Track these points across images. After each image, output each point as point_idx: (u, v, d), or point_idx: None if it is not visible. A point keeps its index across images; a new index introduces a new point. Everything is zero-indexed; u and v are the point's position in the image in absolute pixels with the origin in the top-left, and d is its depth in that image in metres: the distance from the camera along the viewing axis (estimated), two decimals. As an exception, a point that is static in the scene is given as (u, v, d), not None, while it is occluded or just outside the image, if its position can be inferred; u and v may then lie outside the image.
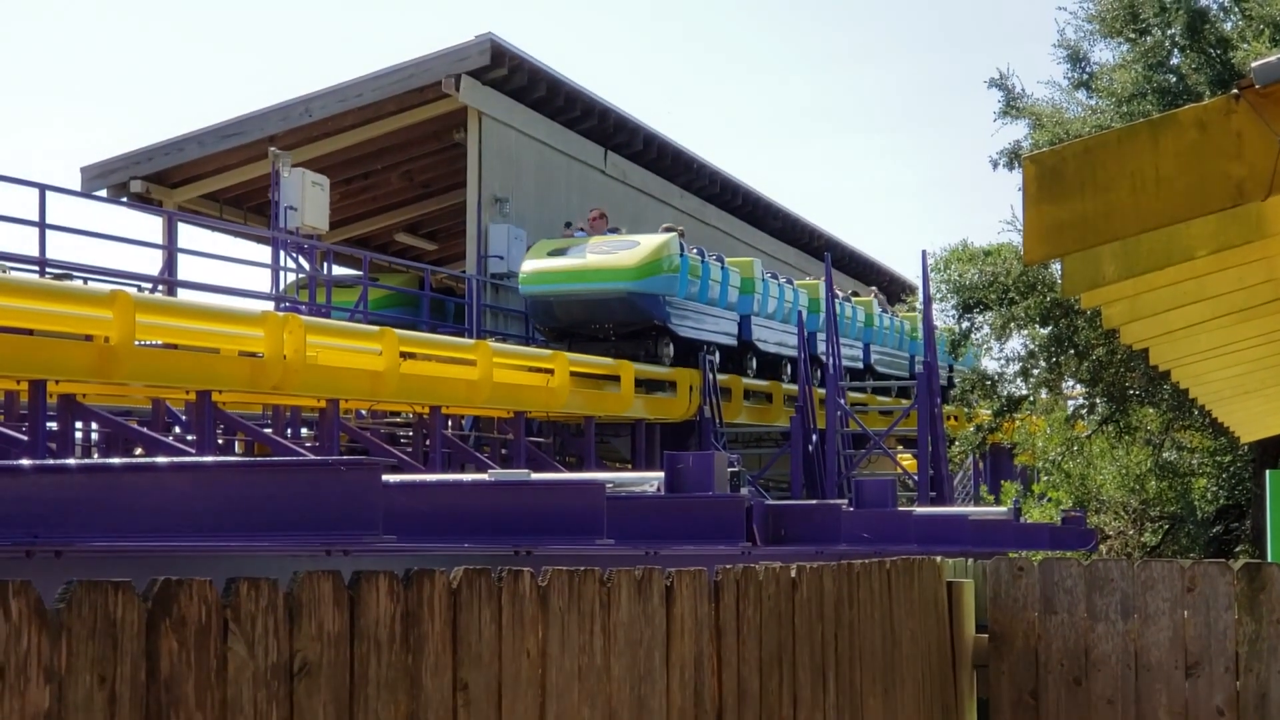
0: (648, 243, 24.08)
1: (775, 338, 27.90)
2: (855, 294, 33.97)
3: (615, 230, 25.51)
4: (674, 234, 24.78)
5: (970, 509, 20.74)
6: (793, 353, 27.86)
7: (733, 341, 26.36)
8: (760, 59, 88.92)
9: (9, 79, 76.10)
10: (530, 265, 24.17)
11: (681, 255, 24.26)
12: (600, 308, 23.61)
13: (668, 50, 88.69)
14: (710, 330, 25.47)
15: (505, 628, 3.07)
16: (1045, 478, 21.97)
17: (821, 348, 28.04)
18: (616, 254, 23.71)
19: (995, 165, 19.91)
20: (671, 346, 24.45)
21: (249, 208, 32.01)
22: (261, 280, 37.09)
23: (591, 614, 3.42)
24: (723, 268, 26.02)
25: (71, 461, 12.12)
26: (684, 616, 3.90)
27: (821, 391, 26.61)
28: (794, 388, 26.90)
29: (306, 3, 78.81)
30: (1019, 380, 21.38)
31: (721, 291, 25.82)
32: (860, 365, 31.15)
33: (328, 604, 2.56)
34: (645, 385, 24.28)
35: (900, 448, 29.83)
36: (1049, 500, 20.86)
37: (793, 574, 4.70)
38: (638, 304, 23.49)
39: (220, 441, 17.93)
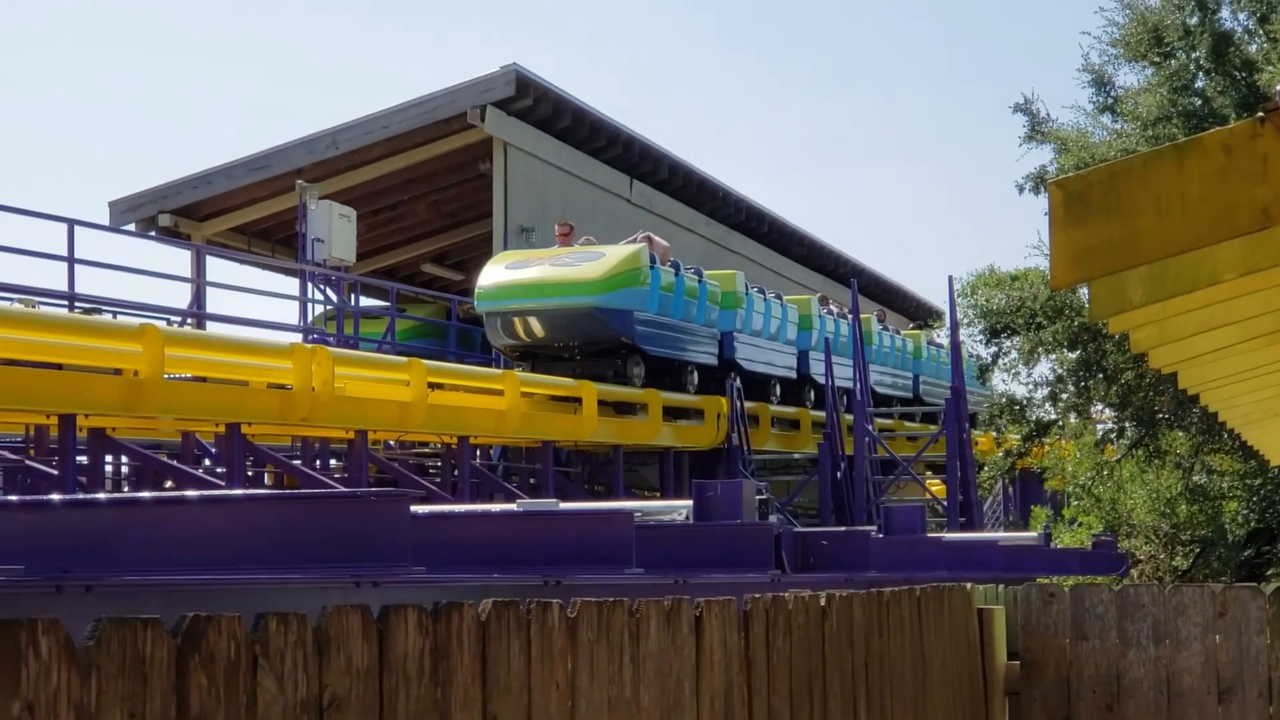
0: (614, 254, 22.20)
1: (762, 356, 26.19)
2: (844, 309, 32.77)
3: (591, 242, 23.51)
4: (643, 244, 22.84)
5: (1000, 534, 20.67)
6: (784, 373, 26.74)
7: (713, 360, 24.54)
8: (784, 86, 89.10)
9: (38, 115, 76.54)
10: (488, 279, 22.25)
11: (652, 267, 22.49)
12: (563, 325, 21.75)
13: (692, 78, 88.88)
14: (687, 349, 23.79)
15: (534, 660, 3.07)
16: (1075, 502, 21.88)
17: (815, 368, 27.61)
18: (580, 266, 21.83)
19: (1021, 190, 19.89)
20: (642, 367, 22.67)
21: (277, 240, 32.12)
22: (289, 312, 37.22)
23: (621, 645, 3.42)
24: (700, 281, 24.21)
25: (101, 496, 12.16)
26: (713, 647, 3.89)
27: (849, 417, 26.54)
28: (821, 414, 26.81)
29: (332, 36, 79.17)
30: (1048, 405, 21.31)
31: (699, 307, 24.04)
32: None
33: (356, 638, 2.57)
34: (671, 413, 23.25)
35: (929, 473, 29.74)
36: (1079, 525, 20.77)
37: (822, 603, 4.68)
38: (603, 320, 21.65)
39: (250, 473, 17.95)
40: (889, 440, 28.15)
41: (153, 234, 29.37)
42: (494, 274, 22.19)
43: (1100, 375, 19.79)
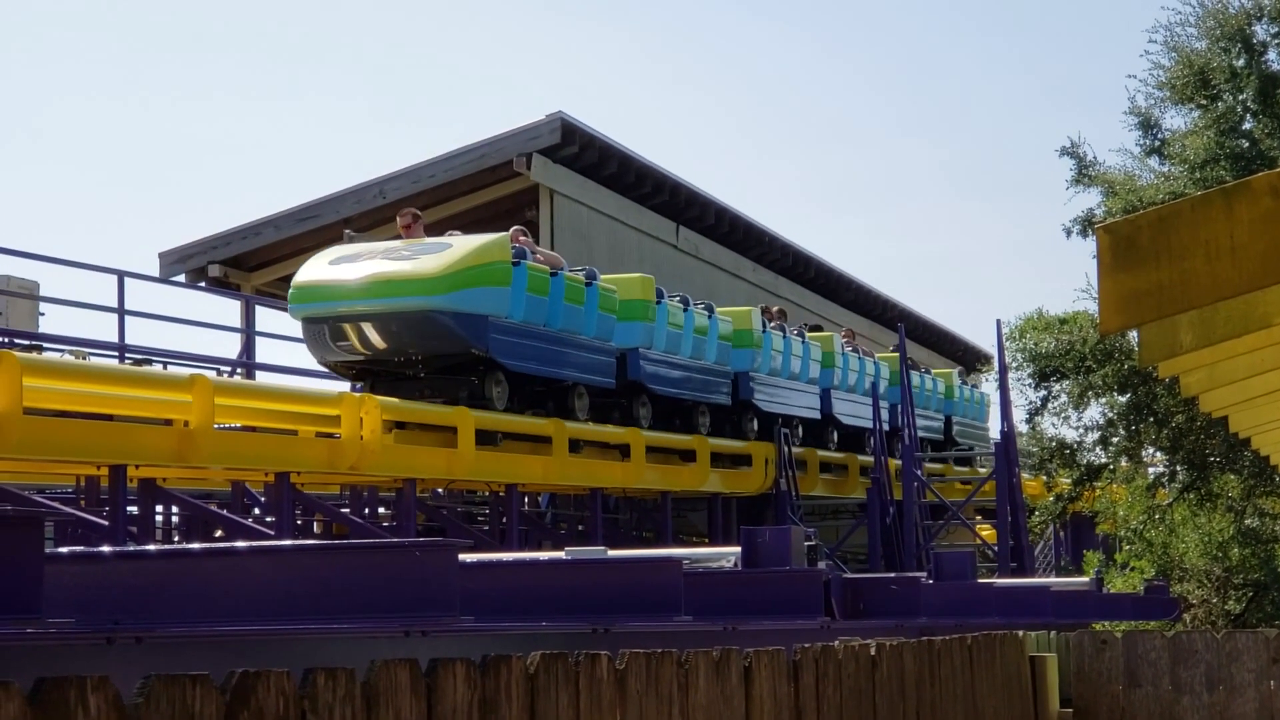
0: (464, 245, 17.81)
1: (678, 376, 22.02)
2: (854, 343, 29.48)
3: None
4: (505, 235, 18.65)
5: (1052, 579, 20.56)
6: (720, 399, 22.96)
7: (609, 382, 20.24)
8: (830, 131, 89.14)
9: (88, 167, 77.20)
10: (305, 275, 17.90)
11: (518, 265, 18.18)
12: (395, 333, 17.46)
13: (738, 124, 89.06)
14: (571, 367, 19.40)
15: (583, 712, 3.06)
16: (1127, 547, 21.76)
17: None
18: (418, 259, 17.47)
19: (1069, 233, 19.84)
20: (505, 387, 18.37)
21: (325, 289, 32.16)
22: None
23: (670, 696, 3.41)
24: (588, 284, 19.79)
25: (152, 548, 12.21)
26: (763, 697, 3.87)
27: (897, 462, 26.43)
28: (869, 459, 26.68)
29: (379, 87, 79.66)
30: (1098, 449, 21.22)
31: (589, 315, 19.67)
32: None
33: (405, 692, 2.56)
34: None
35: (979, 518, 29.59)
36: (1131, 569, 20.65)
37: (872, 652, 4.66)
38: (445, 327, 17.28)
39: (299, 522, 17.99)
40: (937, 485, 28.02)
41: (202, 284, 29.54)
42: (314, 270, 17.92)
43: (1151, 419, 19.70)
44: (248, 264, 30.87)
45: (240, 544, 11.10)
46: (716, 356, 23.00)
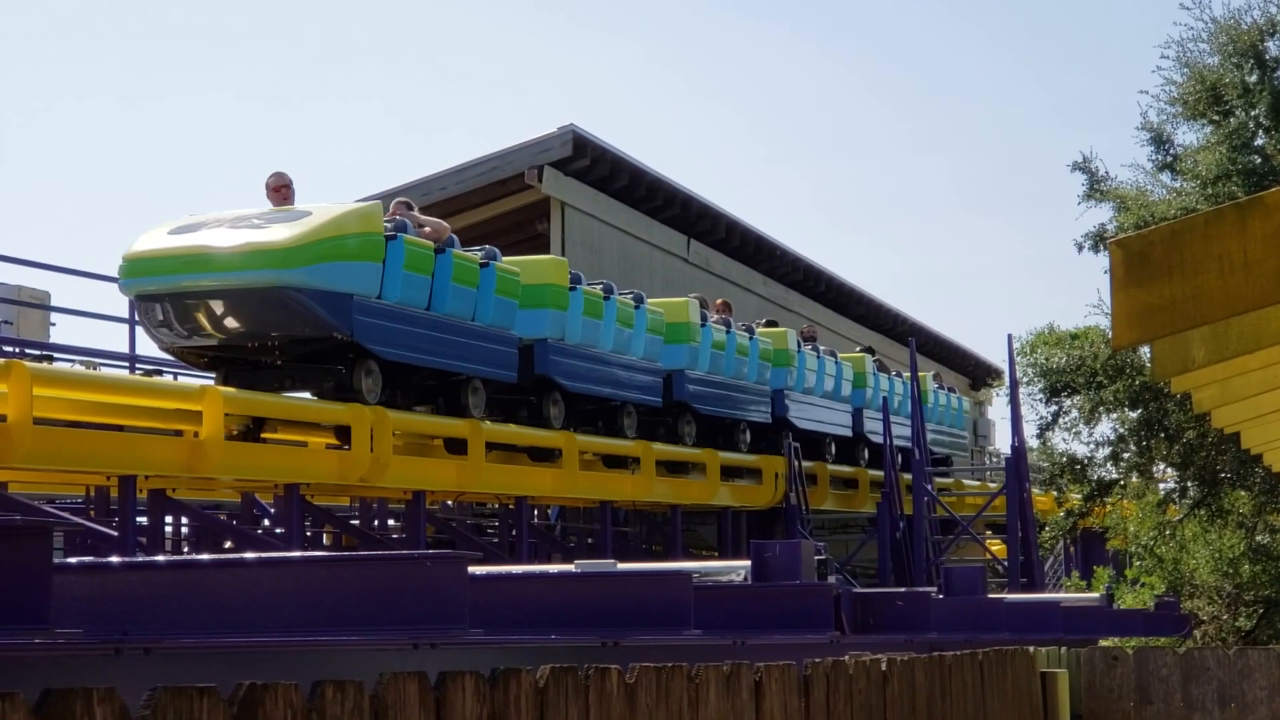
0: (324, 213, 15.41)
1: (599, 375, 19.61)
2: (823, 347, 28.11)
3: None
4: (378, 203, 16.47)
5: (1062, 595, 20.52)
6: (642, 397, 20.54)
7: (510, 376, 17.72)
8: (841, 145, 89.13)
9: (100, 176, 77.34)
10: (137, 247, 15.40)
11: (395, 239, 15.92)
12: (241, 312, 15.18)
13: (750, 137, 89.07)
14: (460, 357, 16.91)
15: (592, 727, 3.04)
16: (1138, 562, 21.72)
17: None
18: (268, 228, 15.17)
19: (1080, 248, 19.80)
20: (377, 379, 16.03)
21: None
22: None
23: (680, 711, 3.39)
24: (485, 265, 17.38)
25: (161, 558, 12.20)
26: (774, 712, 3.85)
27: (907, 476, 26.39)
28: (879, 473, 26.64)
29: (388, 99, 79.77)
30: (1109, 464, 21.19)
31: (483, 300, 17.30)
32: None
33: (413, 705, 2.55)
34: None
35: (989, 533, 29.53)
36: (1142, 585, 20.62)
37: (883, 667, 4.64)
38: (300, 306, 14.99)
39: (308, 534, 17.99)
40: (947, 499, 27.97)
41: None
42: (150, 240, 15.45)
43: (1162, 435, 19.67)
44: (259, 275, 30.81)
45: (249, 555, 11.10)
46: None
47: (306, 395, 16.33)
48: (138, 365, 18.38)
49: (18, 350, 17.64)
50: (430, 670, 2.66)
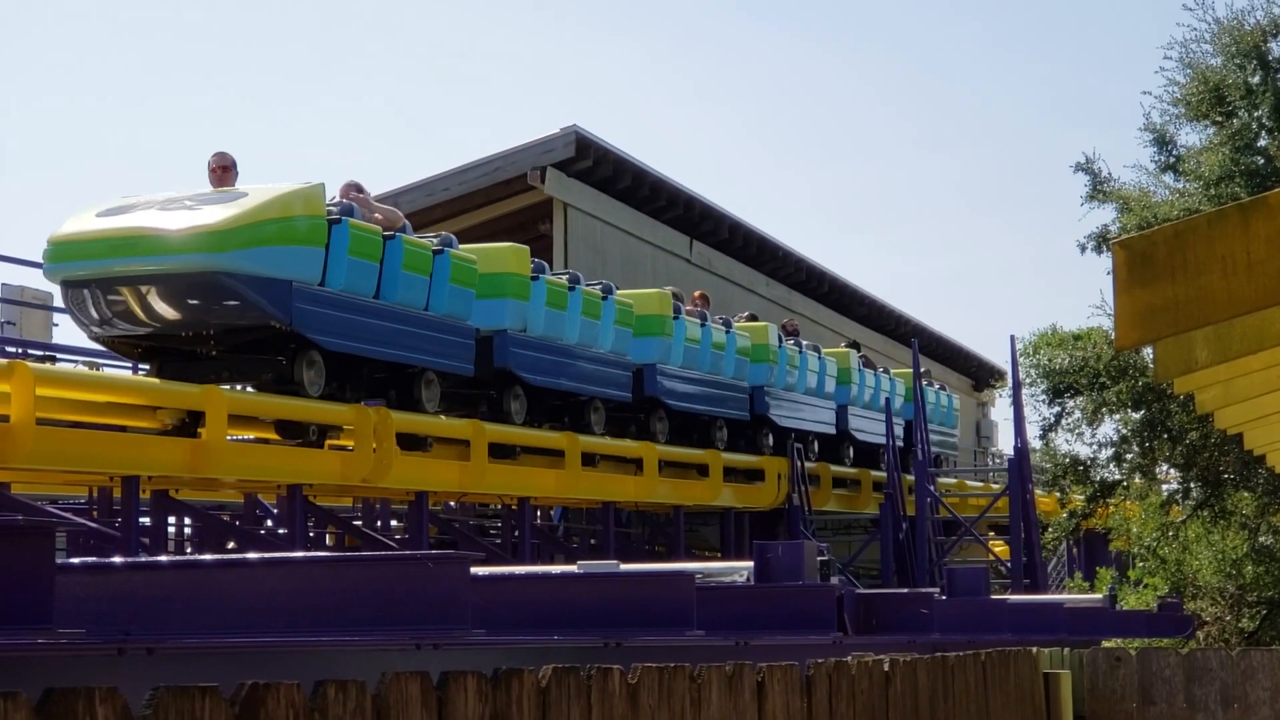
0: (261, 194, 14.59)
1: (564, 369, 18.83)
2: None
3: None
4: (320, 185, 15.17)
5: (1065, 596, 20.52)
6: (610, 392, 19.80)
7: (467, 368, 16.98)
8: (844, 145, 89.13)
9: (101, 176, 77.42)
10: (64, 230, 14.52)
11: (339, 223, 15.11)
12: (173, 299, 14.27)
13: (753, 138, 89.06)
14: (412, 348, 16.14)
15: (595, 727, 3.04)
16: (1140, 564, 21.72)
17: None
18: (201, 210, 14.29)
19: (1083, 249, 19.78)
20: (320, 370, 15.28)
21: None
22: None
23: (682, 712, 3.39)
24: (439, 253, 16.58)
25: (164, 559, 12.20)
26: (776, 713, 3.85)
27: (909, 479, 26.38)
28: (882, 474, 26.60)
29: (391, 100, 79.81)
30: (1112, 465, 21.17)
31: (437, 289, 16.51)
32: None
33: (415, 705, 2.54)
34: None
35: (992, 534, 29.53)
36: (1145, 586, 20.61)
37: (886, 668, 4.64)
38: (233, 292, 14.18)
39: (311, 534, 17.98)
40: (950, 500, 27.95)
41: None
42: (78, 223, 14.57)
43: (1165, 436, 19.65)
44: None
45: (251, 555, 11.11)
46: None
47: (248, 389, 15.67)
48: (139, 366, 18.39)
49: (20, 351, 17.65)
50: (433, 670, 2.66)
